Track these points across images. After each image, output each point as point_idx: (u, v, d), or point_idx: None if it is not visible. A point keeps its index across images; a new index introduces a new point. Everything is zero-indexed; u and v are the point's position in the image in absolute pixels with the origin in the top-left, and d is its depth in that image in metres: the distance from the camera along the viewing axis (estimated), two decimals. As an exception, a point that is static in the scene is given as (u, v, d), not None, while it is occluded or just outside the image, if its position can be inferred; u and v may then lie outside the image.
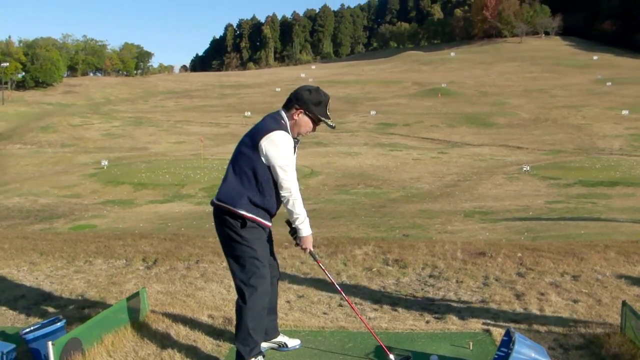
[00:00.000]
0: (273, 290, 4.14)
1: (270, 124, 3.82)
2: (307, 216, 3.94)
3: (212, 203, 3.94)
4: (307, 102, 3.86)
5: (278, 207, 3.95)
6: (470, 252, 6.66)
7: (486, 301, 5.26)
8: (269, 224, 3.96)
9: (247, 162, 3.80)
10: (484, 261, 6.35)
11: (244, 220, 3.81)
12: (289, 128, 3.86)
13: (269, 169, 3.77)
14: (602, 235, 11.16)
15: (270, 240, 4.07)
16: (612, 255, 6.43)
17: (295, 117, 3.88)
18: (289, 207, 3.86)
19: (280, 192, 3.81)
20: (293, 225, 3.96)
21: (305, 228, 3.93)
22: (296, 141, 3.92)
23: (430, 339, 4.38)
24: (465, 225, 15.93)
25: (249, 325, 3.82)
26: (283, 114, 3.90)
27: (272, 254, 4.12)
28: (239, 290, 3.88)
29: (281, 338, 4.27)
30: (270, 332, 4.20)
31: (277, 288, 4.29)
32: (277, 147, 3.73)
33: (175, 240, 8.00)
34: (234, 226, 3.83)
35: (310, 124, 3.92)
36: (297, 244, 4.05)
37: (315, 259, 4.20)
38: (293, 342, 4.27)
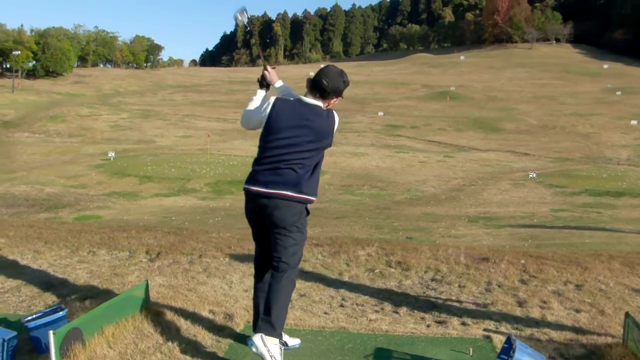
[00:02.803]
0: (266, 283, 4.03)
1: (328, 120, 3.98)
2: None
3: (287, 195, 3.92)
4: (342, 92, 4.02)
5: (267, 173, 3.90)
6: (473, 257, 6.65)
7: (488, 307, 5.24)
8: (251, 187, 3.92)
9: (319, 158, 4.00)
10: (487, 267, 6.34)
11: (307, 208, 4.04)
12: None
13: (270, 127, 3.92)
14: (607, 245, 11.13)
15: (264, 217, 3.96)
16: (617, 266, 6.41)
17: (332, 103, 4.04)
18: None
19: None
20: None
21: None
22: None
23: (430, 343, 4.37)
24: (469, 229, 15.91)
25: (286, 307, 3.97)
26: (319, 103, 3.98)
27: (270, 236, 3.99)
28: (285, 274, 3.96)
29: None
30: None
31: (270, 284, 3.95)
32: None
33: (179, 234, 8.02)
34: (302, 214, 4.01)
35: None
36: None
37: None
38: (293, 341, 4.26)
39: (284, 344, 4.22)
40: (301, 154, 3.86)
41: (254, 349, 3.65)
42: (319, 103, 3.96)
